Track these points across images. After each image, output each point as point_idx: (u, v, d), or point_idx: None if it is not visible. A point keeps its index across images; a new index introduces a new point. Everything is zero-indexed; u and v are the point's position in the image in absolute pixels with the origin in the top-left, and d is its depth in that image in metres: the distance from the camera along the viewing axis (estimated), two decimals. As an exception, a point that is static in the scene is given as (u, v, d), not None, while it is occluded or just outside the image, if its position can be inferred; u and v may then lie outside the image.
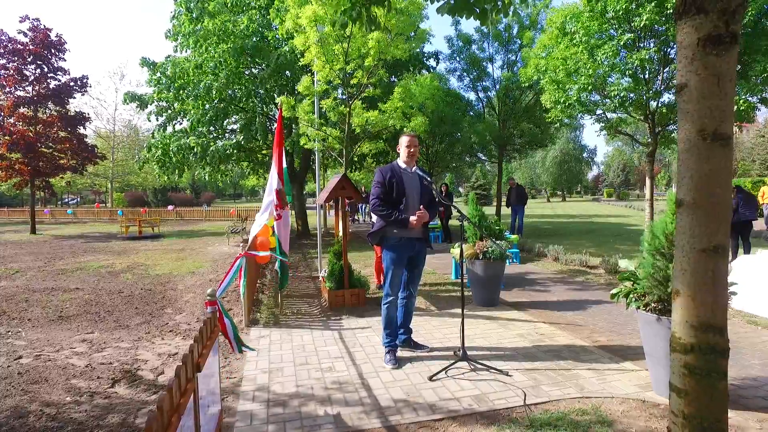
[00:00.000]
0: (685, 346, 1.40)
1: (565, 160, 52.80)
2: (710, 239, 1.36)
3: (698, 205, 1.37)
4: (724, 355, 1.38)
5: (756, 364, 4.23)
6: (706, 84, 1.32)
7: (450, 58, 16.47)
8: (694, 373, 1.37)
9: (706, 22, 1.30)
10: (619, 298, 3.74)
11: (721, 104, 1.31)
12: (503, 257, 6.06)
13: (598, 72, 9.73)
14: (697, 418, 1.36)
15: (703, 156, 1.34)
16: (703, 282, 1.37)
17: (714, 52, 1.30)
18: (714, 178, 1.34)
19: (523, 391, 3.62)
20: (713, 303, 1.38)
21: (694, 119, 1.35)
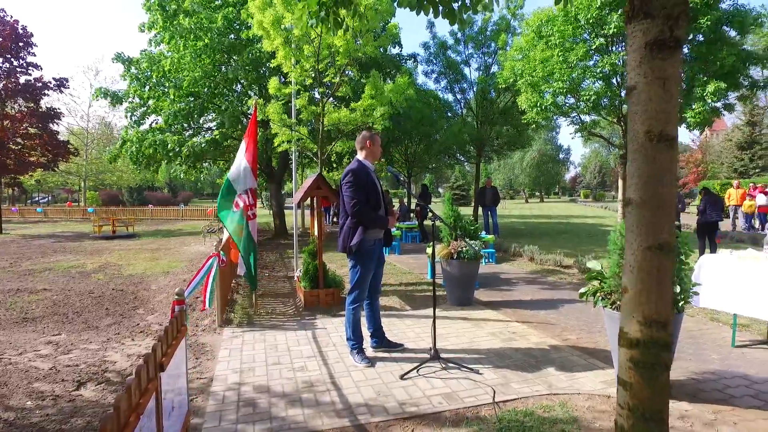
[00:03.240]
0: (631, 341, 1.44)
1: (542, 162, 53.56)
2: (656, 237, 1.40)
3: (645, 204, 1.41)
4: (666, 348, 1.43)
5: (715, 359, 4.36)
6: (652, 87, 1.36)
7: (427, 61, 16.57)
8: (638, 367, 1.42)
9: (653, 26, 1.34)
10: (587, 296, 3.82)
11: (667, 107, 1.36)
12: (477, 257, 6.12)
13: (572, 76, 9.90)
14: (640, 409, 1.40)
15: (650, 156, 1.39)
16: (648, 279, 1.42)
17: (660, 56, 1.34)
18: (659, 177, 1.39)
19: (492, 388, 3.66)
20: (658, 299, 1.42)
21: (642, 120, 1.39)
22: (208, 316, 5.96)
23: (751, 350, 4.63)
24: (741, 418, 3.25)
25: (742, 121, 34.68)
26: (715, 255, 4.99)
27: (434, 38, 16.18)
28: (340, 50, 7.10)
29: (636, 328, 1.42)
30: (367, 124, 8.54)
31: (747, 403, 3.49)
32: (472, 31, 16.14)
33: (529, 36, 11.23)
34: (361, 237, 4.18)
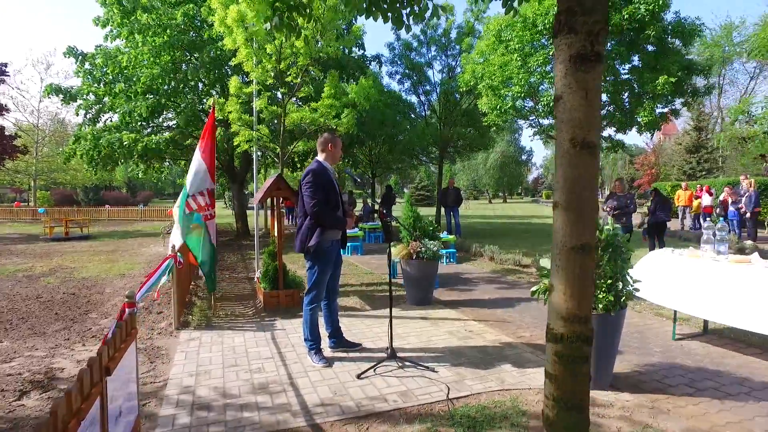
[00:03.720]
0: (556, 336, 1.54)
1: (505, 163, 54.64)
2: (578, 238, 1.50)
3: (569, 207, 1.51)
4: (587, 342, 1.53)
5: (657, 351, 4.61)
6: (576, 97, 1.45)
7: (391, 62, 16.68)
8: (562, 360, 1.51)
9: (576, 41, 1.44)
10: (539, 294, 3.95)
11: (589, 116, 1.45)
12: (436, 257, 6.23)
13: (530, 80, 10.18)
14: (563, 399, 1.50)
15: (574, 162, 1.48)
16: (571, 277, 1.51)
17: (582, 69, 1.44)
18: (582, 182, 1.48)
19: (446, 385, 3.75)
20: (580, 296, 1.52)
21: (567, 129, 1.48)
22: (164, 319, 5.84)
23: (688, 342, 4.90)
24: (674, 405, 3.46)
25: (691, 126, 36.36)
26: (659, 253, 5.25)
27: (399, 39, 16.33)
28: (301, 51, 7.08)
29: (560, 324, 1.51)
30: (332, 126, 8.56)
31: (681, 391, 3.70)
32: (436, 33, 16.34)
33: (490, 40, 11.48)
34: (319, 238, 4.20)
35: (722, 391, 3.71)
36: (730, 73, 36.67)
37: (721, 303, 4.41)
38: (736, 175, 22.28)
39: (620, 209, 8.59)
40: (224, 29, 6.94)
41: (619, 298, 3.52)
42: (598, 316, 3.52)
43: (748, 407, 3.44)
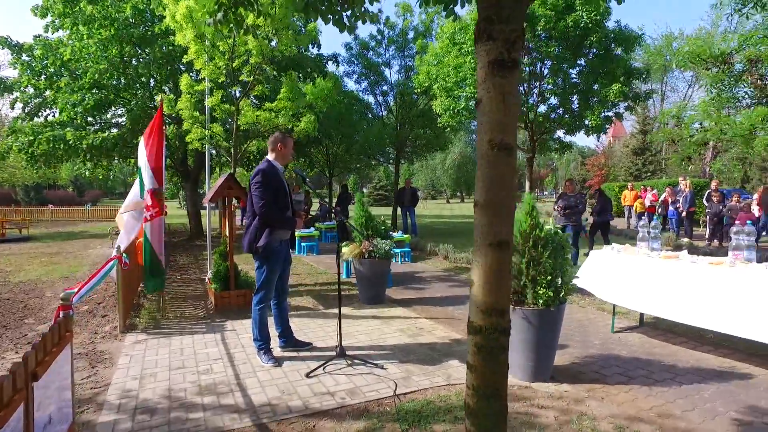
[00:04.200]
0: (476, 328, 1.62)
1: (463, 163, 55.54)
2: (496, 235, 1.58)
3: (487, 205, 1.59)
4: (505, 333, 1.62)
5: (597, 344, 4.84)
6: (494, 101, 1.53)
7: (348, 61, 16.67)
8: (481, 351, 1.59)
9: (494, 48, 1.52)
10: (482, 291, 4.07)
11: (506, 119, 1.54)
12: (388, 256, 6.30)
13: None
14: (482, 388, 1.58)
15: (492, 163, 1.56)
16: (489, 272, 1.59)
17: (500, 74, 1.52)
18: (500, 182, 1.57)
19: (394, 382, 3.82)
20: (497, 290, 1.60)
21: (486, 130, 1.57)
22: (109, 323, 5.65)
23: (626, 334, 5.17)
24: (607, 393, 3.65)
25: (637, 129, 38.13)
26: (601, 250, 5.51)
27: (356, 39, 16.32)
28: (253, 49, 6.99)
29: (479, 316, 1.59)
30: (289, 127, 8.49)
31: (615, 380, 3.91)
32: (394, 33, 16.43)
33: (444, 42, 11.68)
34: (268, 238, 4.19)
35: (651, 379, 3.95)
36: (671, 81, 38.79)
37: (653, 296, 4.69)
38: (677, 176, 23.58)
39: (570, 209, 8.94)
40: (175, 25, 6.76)
41: (558, 293, 3.68)
42: (539, 311, 3.67)
43: (672, 392, 3.68)
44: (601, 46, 10.12)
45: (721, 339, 4.85)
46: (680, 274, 4.52)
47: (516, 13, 1.51)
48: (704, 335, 5.02)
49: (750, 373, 4.10)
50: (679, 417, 3.30)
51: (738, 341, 4.68)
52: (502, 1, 1.47)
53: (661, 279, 4.65)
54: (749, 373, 4.10)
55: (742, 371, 4.14)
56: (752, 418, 3.28)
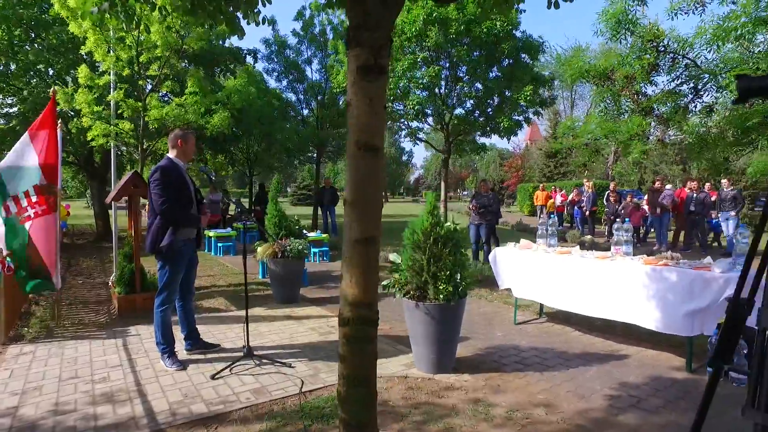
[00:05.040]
0: (344, 320, 1.71)
1: (387, 163, 56.37)
2: (363, 232, 1.68)
3: (356, 203, 1.68)
4: (372, 325, 1.72)
5: (499, 336, 5.14)
6: (362, 104, 1.62)
7: (267, 58, 16.33)
8: (350, 342, 1.68)
9: (362, 54, 1.61)
10: (389, 288, 4.20)
11: (373, 121, 1.63)
12: (301, 255, 6.29)
13: (399, 84, 10.67)
14: (351, 377, 1.67)
15: (359, 163, 1.66)
16: (358, 267, 1.68)
17: (367, 79, 1.61)
18: (367, 181, 1.66)
19: (301, 380, 3.84)
20: (364, 284, 1.70)
21: (354, 132, 1.65)
22: (-8, 333, 5.17)
23: (526, 326, 5.53)
24: (504, 380, 3.91)
25: (549, 133, 40.66)
26: (505, 247, 5.85)
27: (276, 36, 16.01)
28: (159, 42, 6.67)
29: (348, 309, 1.68)
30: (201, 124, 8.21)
31: (512, 368, 4.19)
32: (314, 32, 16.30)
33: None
34: (172, 237, 4.04)
35: (544, 365, 4.27)
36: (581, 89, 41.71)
37: (550, 289, 5.08)
38: (578, 178, 25.50)
39: (484, 207, 9.37)
40: (66, 13, 6.27)
41: (458, 288, 3.87)
42: (440, 305, 3.85)
43: (559, 376, 4.01)
44: (511, 53, 10.73)
45: (607, 325, 5.33)
46: (572, 267, 4.92)
47: (383, 22, 1.60)
48: (594, 323, 5.48)
49: (626, 353, 4.55)
50: (563, 397, 3.60)
51: (619, 326, 5.18)
52: (370, 10, 1.56)
53: (556, 272, 5.04)
54: (625, 354, 4.55)
55: (620, 353, 4.58)
56: (621, 393, 3.67)
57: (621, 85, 5.93)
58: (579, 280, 4.81)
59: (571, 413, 3.36)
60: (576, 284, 4.83)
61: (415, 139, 13.33)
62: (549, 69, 23.47)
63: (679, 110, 6.02)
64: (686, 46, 5.73)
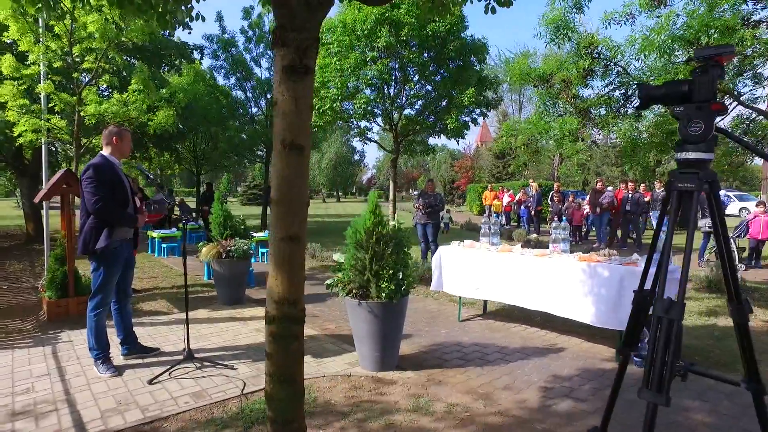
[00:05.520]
0: (270, 318, 1.72)
1: (339, 163, 56.22)
2: (287, 230, 1.69)
3: (280, 202, 1.69)
4: (297, 323, 1.74)
5: (443, 333, 5.24)
6: (287, 103, 1.63)
7: (214, 55, 15.88)
8: (275, 339, 1.70)
9: (288, 54, 1.62)
10: (332, 288, 4.21)
11: (298, 121, 1.65)
12: (247, 256, 6.18)
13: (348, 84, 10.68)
14: (278, 374, 1.69)
15: (284, 161, 1.67)
16: (282, 265, 1.70)
17: (293, 79, 1.62)
18: (292, 179, 1.68)
19: (243, 381, 3.78)
20: (289, 282, 1.71)
21: (279, 131, 1.66)
22: None
23: (470, 323, 5.67)
24: (446, 376, 4.00)
25: (498, 135, 41.75)
26: (449, 246, 5.96)
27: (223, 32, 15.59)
28: (96, 34, 6.36)
29: (273, 307, 1.69)
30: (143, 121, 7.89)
31: (454, 363, 4.29)
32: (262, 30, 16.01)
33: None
34: (108, 239, 3.88)
35: (485, 360, 4.40)
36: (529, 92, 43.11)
37: (492, 286, 5.22)
38: (539, 178, 26.44)
39: (431, 207, 9.51)
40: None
41: (400, 287, 3.93)
42: (382, 304, 3.89)
43: (498, 369, 4.15)
44: (458, 55, 10.98)
45: (546, 320, 5.55)
46: (513, 265, 5.09)
47: (308, 24, 1.61)
48: (534, 318, 5.70)
49: (563, 347, 4.76)
50: (501, 390, 3.73)
51: (558, 320, 5.40)
52: (296, 10, 1.57)
53: (498, 270, 5.19)
54: (562, 347, 4.76)
55: (557, 346, 4.79)
56: (555, 384, 3.84)
57: (559, 88, 6.20)
58: (519, 276, 4.98)
59: (508, 405, 3.48)
60: (516, 281, 5.00)
61: (365, 139, 13.38)
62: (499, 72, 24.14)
63: (612, 114, 6.34)
64: (617, 54, 6.05)
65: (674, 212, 1.57)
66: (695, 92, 1.51)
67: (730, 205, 25.15)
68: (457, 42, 10.82)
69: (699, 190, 1.52)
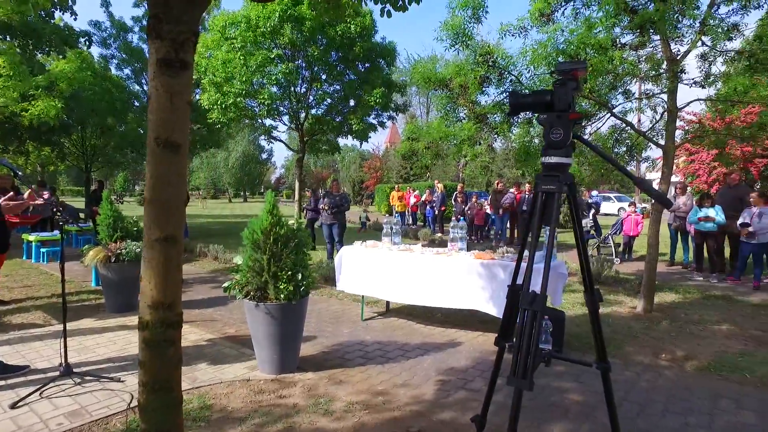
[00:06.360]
0: (144, 323, 1.64)
1: (246, 162, 54.50)
2: (162, 231, 1.63)
3: (154, 202, 1.63)
4: (173, 327, 1.68)
5: (346, 333, 5.27)
6: (162, 99, 1.57)
7: (103, 43, 14.64)
8: (150, 346, 1.63)
9: (162, 47, 1.55)
10: (230, 291, 4.07)
11: (173, 117, 1.59)
12: (139, 259, 5.77)
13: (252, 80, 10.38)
14: (152, 383, 1.62)
15: (158, 159, 1.60)
16: (157, 267, 1.63)
17: (168, 73, 1.56)
18: (166, 179, 1.62)
19: (130, 394, 3.53)
20: (165, 285, 1.65)
21: (153, 128, 1.60)
22: None
23: (373, 322, 5.76)
24: (347, 375, 4.03)
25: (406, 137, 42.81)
26: (351, 246, 6.00)
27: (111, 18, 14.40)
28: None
29: (147, 311, 1.62)
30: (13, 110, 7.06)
31: (356, 363, 4.34)
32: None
33: (216, 36, 11.24)
34: None
35: (386, 357, 4.49)
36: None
37: (394, 284, 5.34)
38: (446, 179, 27.48)
39: (336, 207, 9.52)
40: None
41: (299, 287, 3.89)
42: (281, 305, 3.83)
43: (399, 366, 4.25)
44: (367, 57, 11.11)
45: (446, 317, 5.79)
46: (414, 263, 5.24)
47: (186, 17, 1.55)
48: (434, 315, 5.91)
49: (461, 341, 4.99)
50: (401, 385, 3.83)
51: (457, 316, 5.67)
52: (172, 1, 1.50)
53: (399, 269, 5.32)
54: (460, 341, 4.99)
55: (455, 341, 5.01)
56: (452, 377, 4.02)
57: (458, 94, 6.49)
58: (419, 275, 5.14)
59: (406, 400, 3.58)
60: (417, 279, 5.16)
61: (270, 138, 13.07)
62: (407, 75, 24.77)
63: (507, 121, 6.75)
64: (510, 64, 6.45)
65: (539, 211, 1.72)
66: (556, 102, 1.67)
67: (610, 205, 27.92)
68: (366, 44, 10.94)
69: (560, 191, 1.68)
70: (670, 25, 5.61)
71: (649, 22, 5.50)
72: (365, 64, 11.80)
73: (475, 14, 6.32)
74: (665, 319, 5.82)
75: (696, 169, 14.26)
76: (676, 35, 5.94)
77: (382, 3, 3.38)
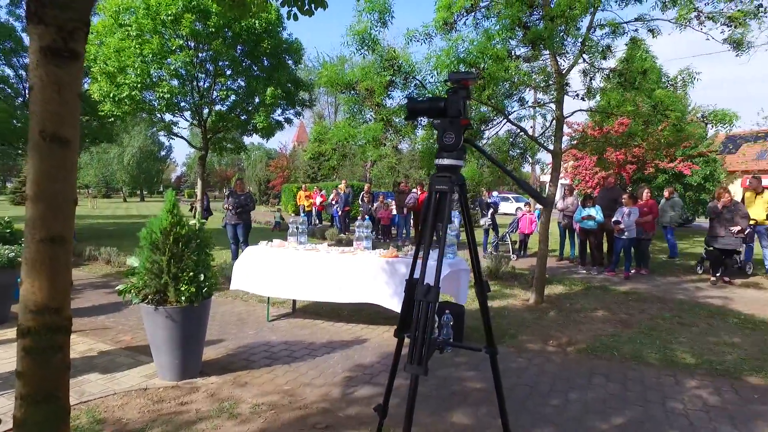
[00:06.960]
0: (24, 330, 1.54)
1: (144, 159, 50.89)
2: (49, 231, 1.54)
3: (39, 199, 1.53)
4: (61, 332, 1.60)
5: (251, 334, 5.18)
6: (47, 90, 1.48)
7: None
8: (31, 354, 1.53)
9: (47, 34, 1.47)
10: (124, 294, 3.83)
11: (61, 110, 1.51)
12: (13, 264, 5.21)
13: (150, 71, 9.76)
14: (32, 395, 1.52)
15: (44, 154, 1.52)
16: (42, 269, 1.54)
17: (55, 63, 1.48)
18: (53, 175, 1.53)
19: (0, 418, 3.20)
20: (51, 287, 1.57)
21: (37, 120, 1.50)
22: None
23: (279, 322, 5.70)
24: (253, 377, 3.98)
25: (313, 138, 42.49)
26: (256, 246, 5.89)
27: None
28: None
29: (29, 317, 1.52)
30: None
31: (261, 364, 4.29)
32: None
33: (108, 21, 10.39)
34: None
35: (292, 357, 4.48)
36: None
37: (300, 284, 5.32)
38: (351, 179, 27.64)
39: (241, 207, 9.24)
40: None
41: (201, 289, 3.76)
42: (182, 308, 3.68)
43: (306, 365, 4.27)
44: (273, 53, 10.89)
45: (353, 313, 5.88)
46: (319, 262, 5.27)
47: (76, 3, 1.47)
48: (341, 312, 5.98)
49: (367, 338, 5.11)
50: (307, 384, 3.85)
51: (363, 313, 5.79)
52: (58, -17, 1.42)
53: (305, 268, 5.31)
54: (366, 338, 5.10)
55: (362, 338, 5.11)
56: (358, 373, 4.12)
57: (364, 96, 6.62)
58: (325, 273, 5.18)
59: (313, 398, 3.61)
60: (323, 278, 5.19)
61: (170, 134, 12.36)
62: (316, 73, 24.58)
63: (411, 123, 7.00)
64: (414, 70, 6.71)
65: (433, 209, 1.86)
66: (449, 108, 1.82)
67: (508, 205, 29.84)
68: (273, 40, 10.73)
69: (451, 191, 1.83)
70: (557, 42, 6.17)
71: (539, 38, 6.01)
72: (272, 61, 11.58)
73: (381, 18, 6.49)
74: (553, 309, 6.39)
75: (581, 172, 15.72)
76: (561, 51, 6.55)
77: (289, 6, 3.38)
